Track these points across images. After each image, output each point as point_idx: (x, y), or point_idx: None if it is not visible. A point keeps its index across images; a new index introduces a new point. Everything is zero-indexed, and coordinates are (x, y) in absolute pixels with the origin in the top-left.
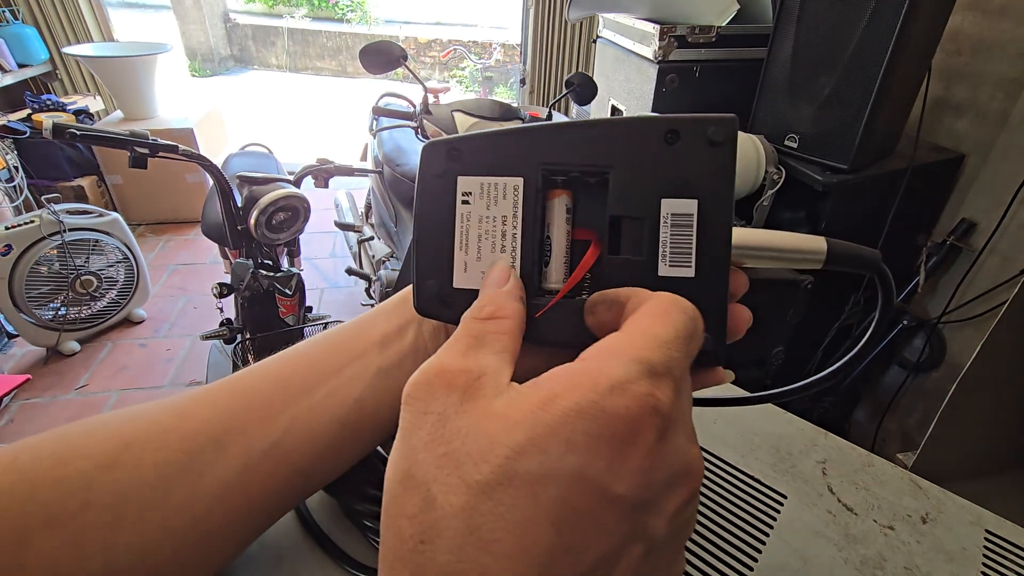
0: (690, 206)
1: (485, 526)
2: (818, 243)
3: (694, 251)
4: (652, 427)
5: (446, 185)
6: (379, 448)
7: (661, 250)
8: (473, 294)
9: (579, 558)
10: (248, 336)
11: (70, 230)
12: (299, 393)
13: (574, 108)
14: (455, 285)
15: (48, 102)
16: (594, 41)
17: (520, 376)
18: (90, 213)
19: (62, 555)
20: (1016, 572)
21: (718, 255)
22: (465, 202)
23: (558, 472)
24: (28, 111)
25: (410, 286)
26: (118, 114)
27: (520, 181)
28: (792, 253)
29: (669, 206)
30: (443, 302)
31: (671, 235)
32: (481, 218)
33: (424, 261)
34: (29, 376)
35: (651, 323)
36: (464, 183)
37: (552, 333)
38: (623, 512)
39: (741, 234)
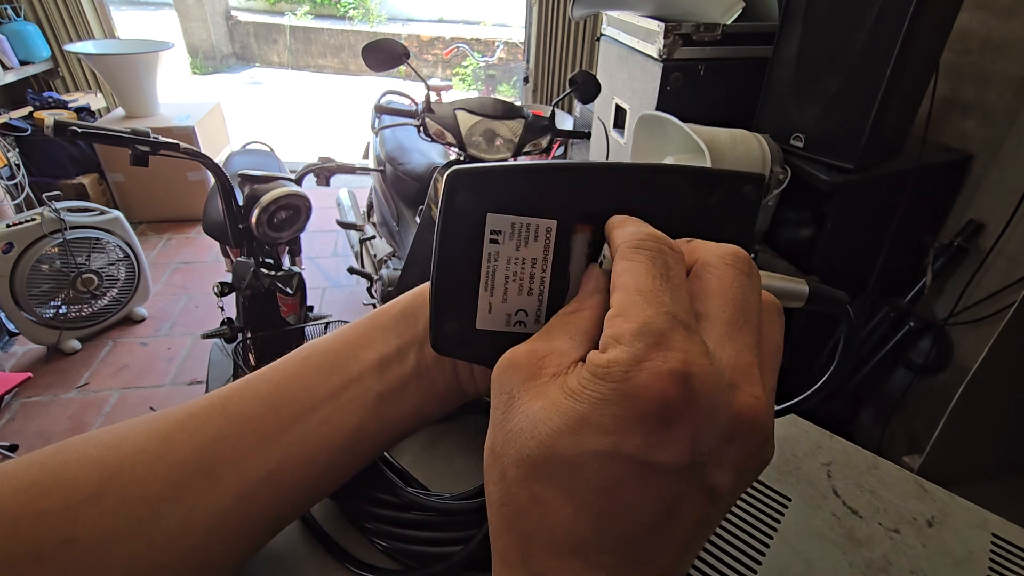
0: None
1: (542, 494)
2: (802, 285)
3: None
4: (677, 393)
5: (472, 220)
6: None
7: None
8: (496, 336)
9: (634, 517)
10: (249, 335)
11: (71, 228)
12: (293, 418)
13: (577, 106)
14: (478, 327)
15: (50, 99)
16: (598, 39)
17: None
18: (91, 211)
19: None
20: None
21: None
22: (494, 241)
23: (593, 452)
24: (30, 108)
25: (405, 299)
26: (120, 112)
27: (554, 224)
28: (781, 293)
29: None
30: (463, 343)
31: None
32: (510, 259)
33: (444, 299)
34: (30, 374)
35: (624, 280)
36: (493, 221)
37: None
38: (672, 476)
39: None
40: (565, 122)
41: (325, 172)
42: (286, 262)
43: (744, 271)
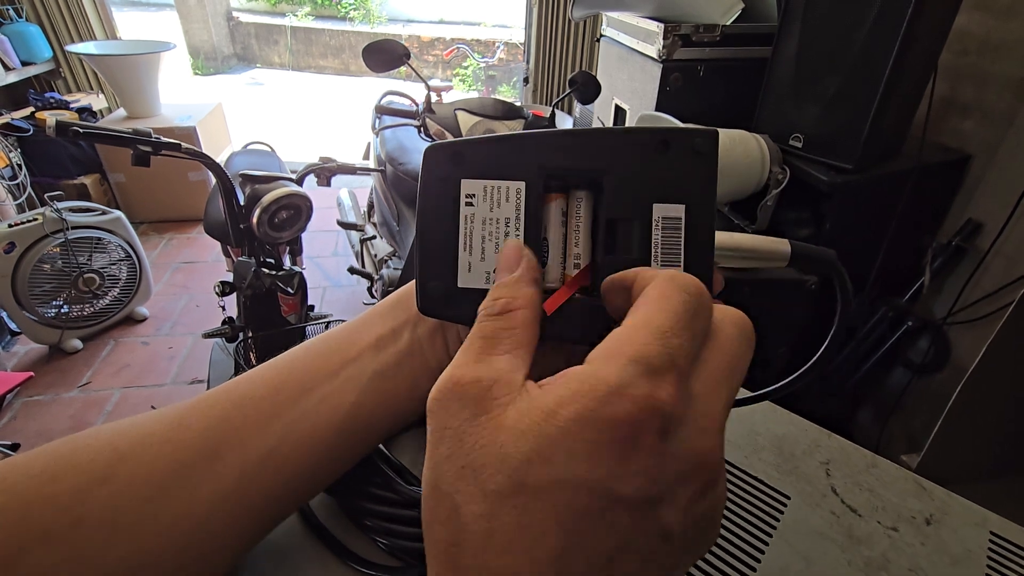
0: (679, 210)
1: (501, 530)
2: (783, 244)
3: (683, 251)
4: (653, 428)
5: (449, 187)
6: (380, 447)
7: (654, 251)
8: (478, 293)
9: (592, 555)
10: (250, 335)
11: (73, 228)
12: (293, 398)
13: (577, 107)
14: (460, 285)
15: (51, 100)
16: (598, 40)
17: (540, 375)
18: (93, 211)
19: (58, 571)
20: (1021, 574)
21: (703, 255)
22: (469, 204)
23: (563, 481)
24: (31, 109)
25: (401, 288)
26: (121, 112)
27: (522, 185)
28: (761, 253)
29: (660, 210)
30: (447, 302)
31: (662, 237)
32: (485, 220)
33: (427, 261)
34: (32, 374)
35: (650, 312)
36: (467, 185)
37: (565, 330)
38: (631, 511)
39: (718, 237)
40: (565, 122)
41: (326, 172)
42: (287, 262)
43: (748, 337)
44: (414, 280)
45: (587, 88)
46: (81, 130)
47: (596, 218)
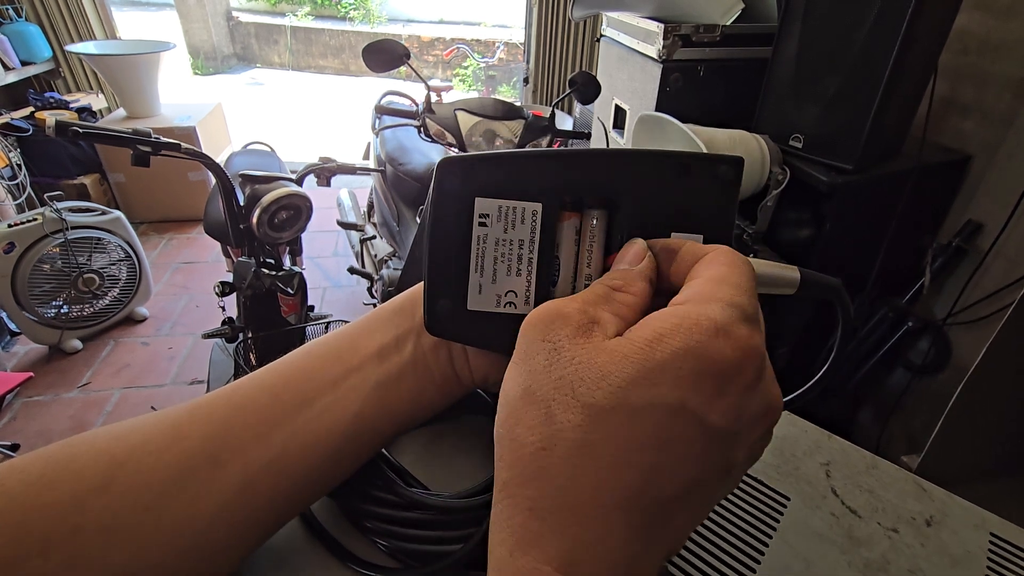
0: (697, 240)
1: (598, 442)
2: (792, 271)
3: None
4: (752, 367)
5: (462, 204)
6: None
7: None
8: (486, 316)
9: (674, 477)
10: (250, 335)
11: (73, 228)
12: (295, 407)
13: (577, 107)
14: (469, 307)
15: (51, 100)
16: (598, 40)
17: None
18: (92, 211)
19: None
20: (1021, 575)
21: None
22: (482, 224)
23: (665, 403)
24: (31, 109)
25: (404, 294)
26: (121, 112)
27: (539, 207)
28: (772, 279)
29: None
30: (455, 323)
31: None
32: (498, 241)
33: (436, 280)
34: (31, 374)
35: (728, 271)
36: (481, 204)
37: None
38: (715, 441)
39: None
40: (565, 123)
41: (326, 172)
42: (287, 262)
43: None
44: (419, 289)
45: (587, 88)
46: (81, 130)
47: (609, 237)
